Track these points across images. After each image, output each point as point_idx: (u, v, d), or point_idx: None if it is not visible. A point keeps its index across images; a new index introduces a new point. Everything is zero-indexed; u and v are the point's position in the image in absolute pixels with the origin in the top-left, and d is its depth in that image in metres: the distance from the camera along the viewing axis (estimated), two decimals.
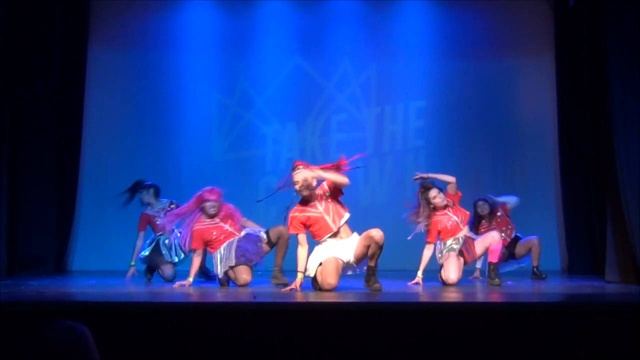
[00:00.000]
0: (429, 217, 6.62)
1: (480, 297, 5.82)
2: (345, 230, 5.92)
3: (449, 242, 6.62)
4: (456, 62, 8.97)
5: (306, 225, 5.89)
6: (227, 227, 6.39)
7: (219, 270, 6.33)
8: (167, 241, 7.10)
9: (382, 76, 9.10)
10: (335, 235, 5.88)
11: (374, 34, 9.10)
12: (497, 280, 6.41)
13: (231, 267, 6.25)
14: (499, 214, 7.35)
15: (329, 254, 5.81)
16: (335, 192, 5.95)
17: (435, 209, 6.65)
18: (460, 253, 6.59)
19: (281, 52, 9.02)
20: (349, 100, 9.05)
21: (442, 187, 6.73)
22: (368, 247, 5.74)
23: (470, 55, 8.94)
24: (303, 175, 5.83)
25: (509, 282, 6.75)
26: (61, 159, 8.20)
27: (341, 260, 5.83)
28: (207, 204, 6.36)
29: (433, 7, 9.14)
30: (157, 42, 8.91)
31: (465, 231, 6.67)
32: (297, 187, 5.85)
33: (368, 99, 9.09)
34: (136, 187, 7.22)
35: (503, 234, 7.21)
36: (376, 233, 5.73)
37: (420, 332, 4.25)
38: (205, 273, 7.06)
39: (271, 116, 8.95)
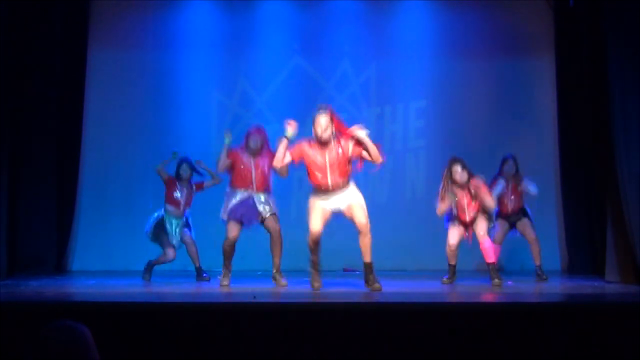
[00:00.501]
0: (445, 189, 6.59)
1: (480, 297, 5.82)
2: (344, 185, 5.87)
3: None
4: (456, 62, 8.96)
5: (305, 162, 5.87)
6: (253, 175, 6.50)
7: (223, 214, 6.47)
8: (173, 221, 7.12)
9: (382, 76, 9.08)
10: (329, 191, 5.83)
11: (374, 34, 9.09)
12: (497, 280, 6.41)
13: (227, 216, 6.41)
14: (519, 188, 7.31)
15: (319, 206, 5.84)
16: (356, 158, 5.92)
17: (454, 183, 6.59)
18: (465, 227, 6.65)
19: (281, 52, 9.01)
20: (349, 100, 9.04)
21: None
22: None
23: (471, 55, 8.93)
24: (327, 120, 5.78)
25: (509, 282, 6.76)
26: (61, 159, 8.20)
27: (329, 208, 5.84)
28: (251, 139, 6.52)
29: (433, 7, 9.13)
30: (157, 42, 8.90)
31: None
32: (318, 129, 5.79)
33: (368, 99, 9.09)
34: (193, 165, 7.23)
35: (510, 206, 7.24)
36: (360, 222, 5.81)
37: (420, 332, 4.25)
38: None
39: (271, 116, 8.93)
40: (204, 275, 7.06)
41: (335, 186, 5.82)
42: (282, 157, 5.87)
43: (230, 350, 4.18)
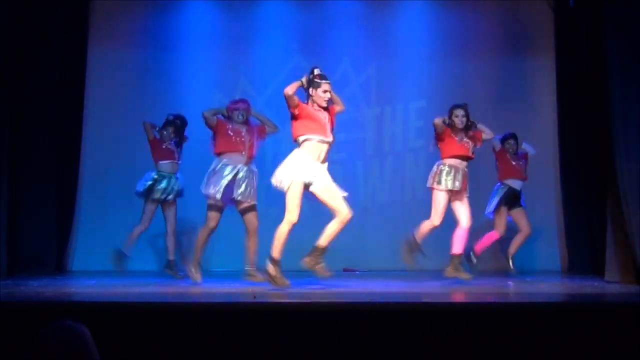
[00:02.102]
0: (443, 130, 6.76)
1: (480, 297, 5.81)
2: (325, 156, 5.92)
3: (444, 169, 6.62)
4: (456, 62, 8.97)
5: (305, 114, 5.88)
6: (247, 140, 6.49)
7: (206, 189, 6.33)
8: (166, 178, 7.20)
9: (382, 76, 9.09)
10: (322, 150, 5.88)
11: (374, 34, 9.10)
12: (464, 274, 6.33)
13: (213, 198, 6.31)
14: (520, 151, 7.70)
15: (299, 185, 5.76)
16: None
17: (452, 126, 6.73)
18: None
19: (281, 52, 9.01)
20: (349, 100, 9.01)
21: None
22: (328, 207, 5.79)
23: (471, 55, 8.94)
24: (329, 87, 5.99)
25: (509, 282, 6.77)
26: (61, 159, 8.20)
27: (307, 181, 5.79)
28: (235, 112, 6.53)
29: (433, 7, 9.14)
30: (157, 42, 8.91)
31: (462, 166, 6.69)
32: (325, 98, 5.93)
33: (368, 99, 9.09)
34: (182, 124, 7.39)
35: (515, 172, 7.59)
36: (343, 214, 5.74)
37: (420, 332, 4.25)
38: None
39: (271, 116, 8.90)
40: (180, 273, 7.13)
41: (329, 146, 5.91)
42: (294, 88, 5.85)
43: (231, 350, 4.17)
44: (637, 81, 6.19)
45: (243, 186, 6.39)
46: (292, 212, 5.72)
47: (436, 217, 6.59)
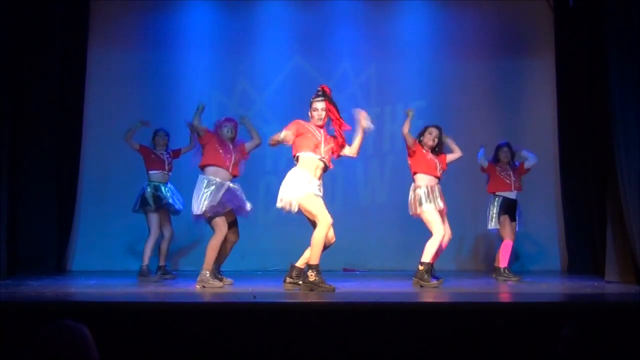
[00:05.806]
0: (413, 143, 6.69)
1: (480, 297, 5.81)
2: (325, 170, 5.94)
3: (422, 193, 6.54)
4: (456, 62, 8.97)
5: (301, 134, 5.90)
6: (233, 158, 6.48)
7: (198, 207, 6.25)
8: (161, 186, 7.24)
9: (382, 76, 9.09)
10: (318, 170, 5.88)
11: (374, 34, 9.10)
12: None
13: (213, 211, 6.24)
14: (516, 160, 7.49)
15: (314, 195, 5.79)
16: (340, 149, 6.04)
17: (422, 142, 6.69)
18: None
19: (281, 52, 9.02)
20: (349, 100, 9.03)
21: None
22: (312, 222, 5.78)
23: (470, 55, 8.94)
24: (324, 106, 5.95)
25: (509, 282, 6.76)
26: (61, 159, 8.20)
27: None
28: (224, 128, 6.57)
29: (433, 7, 9.14)
30: (157, 42, 8.91)
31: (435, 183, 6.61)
32: (315, 114, 5.96)
33: (368, 99, 9.08)
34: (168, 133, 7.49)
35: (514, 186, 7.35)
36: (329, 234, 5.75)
37: (420, 332, 4.25)
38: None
39: (271, 116, 8.94)
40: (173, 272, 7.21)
41: (325, 163, 5.89)
42: (280, 139, 5.91)
43: (231, 350, 4.18)
44: (636, 81, 6.19)
45: (245, 199, 6.45)
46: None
47: (438, 230, 6.45)
